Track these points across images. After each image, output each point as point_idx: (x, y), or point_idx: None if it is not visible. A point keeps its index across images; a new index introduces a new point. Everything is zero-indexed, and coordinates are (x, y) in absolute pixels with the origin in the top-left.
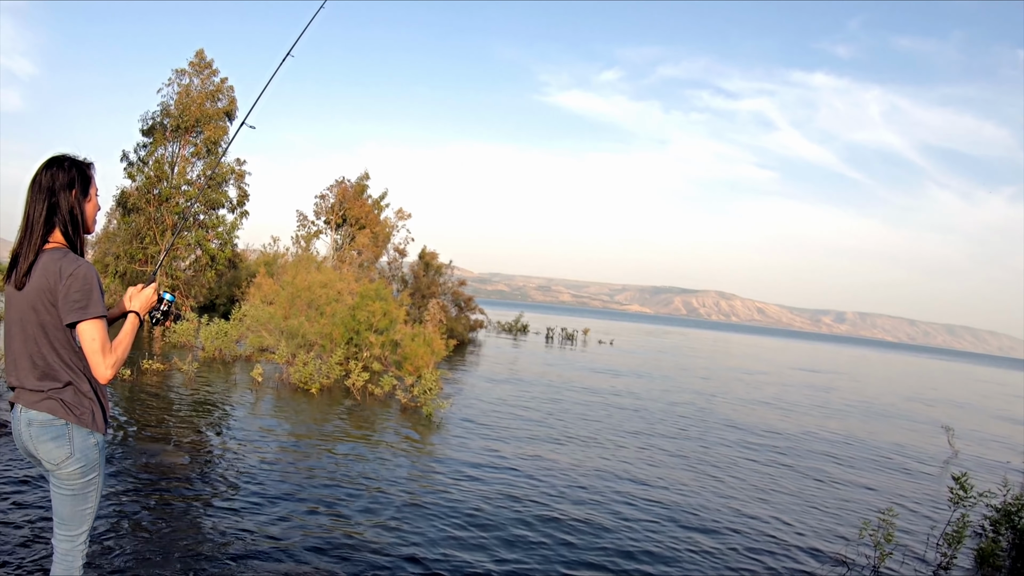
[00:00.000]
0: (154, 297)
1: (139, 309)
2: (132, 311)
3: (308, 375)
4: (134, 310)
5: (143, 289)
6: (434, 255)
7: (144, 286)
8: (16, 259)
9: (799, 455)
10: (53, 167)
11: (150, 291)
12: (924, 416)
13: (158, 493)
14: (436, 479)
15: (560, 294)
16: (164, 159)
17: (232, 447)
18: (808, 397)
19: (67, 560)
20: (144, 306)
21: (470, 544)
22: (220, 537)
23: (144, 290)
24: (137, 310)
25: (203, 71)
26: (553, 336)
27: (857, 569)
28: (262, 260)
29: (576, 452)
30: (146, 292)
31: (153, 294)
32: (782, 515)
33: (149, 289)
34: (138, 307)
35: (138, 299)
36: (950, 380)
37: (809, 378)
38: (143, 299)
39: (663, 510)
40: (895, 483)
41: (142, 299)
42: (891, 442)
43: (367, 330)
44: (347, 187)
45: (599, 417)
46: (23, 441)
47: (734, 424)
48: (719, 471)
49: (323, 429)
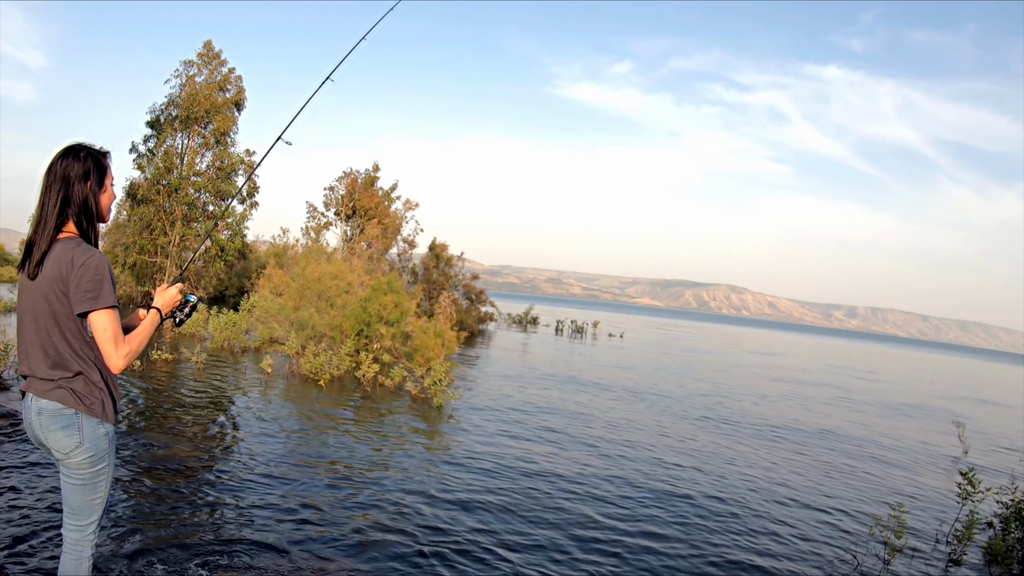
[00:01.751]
0: (179, 297)
1: (162, 307)
2: (155, 307)
3: (318, 366)
4: (157, 307)
5: (168, 288)
6: (444, 247)
7: (169, 285)
8: (30, 248)
9: (813, 449)
10: (69, 156)
11: (174, 291)
12: (946, 412)
13: (168, 483)
14: (446, 470)
15: (571, 287)
16: (173, 150)
17: (242, 437)
18: (825, 393)
19: (77, 550)
20: (168, 304)
21: (480, 536)
22: (230, 527)
23: (169, 289)
24: (160, 307)
25: (211, 62)
26: (563, 329)
27: (867, 564)
28: (272, 251)
29: (585, 444)
30: (171, 292)
31: (178, 294)
32: (792, 508)
33: (174, 289)
34: (161, 304)
35: (161, 297)
36: (980, 379)
37: (827, 375)
38: (167, 298)
39: (672, 500)
40: (907, 478)
41: (166, 298)
42: (905, 438)
43: (378, 322)
44: (357, 178)
45: (609, 408)
46: (34, 430)
47: (738, 417)
48: (727, 461)
49: (333, 420)
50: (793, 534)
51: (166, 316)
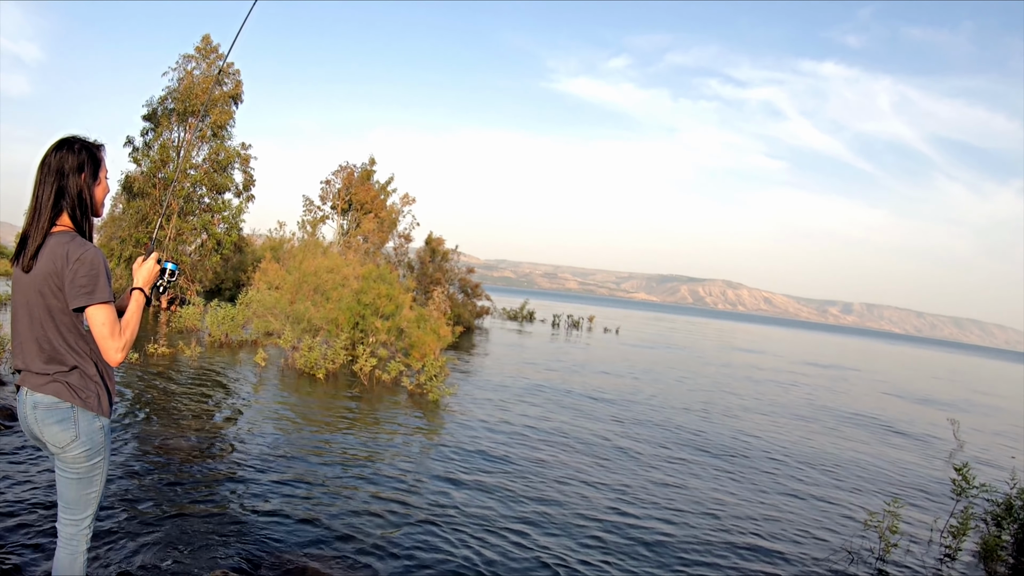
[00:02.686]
0: (156, 268)
1: (143, 285)
2: (136, 288)
3: (314, 360)
4: (138, 287)
5: (143, 262)
6: (440, 241)
7: (144, 259)
8: (24, 242)
9: (808, 442)
10: (63, 149)
11: (151, 263)
12: (942, 408)
13: (164, 477)
14: (441, 464)
15: (566, 281)
16: (170, 143)
17: (238, 431)
18: (823, 386)
19: (72, 544)
20: (148, 280)
21: (475, 529)
22: (225, 520)
23: (145, 263)
24: (141, 286)
25: (209, 55)
26: (559, 323)
27: (862, 559)
28: (268, 245)
29: (581, 438)
30: (147, 265)
31: (155, 265)
32: (787, 502)
33: (150, 261)
34: (142, 283)
35: (140, 274)
36: (976, 376)
37: (826, 372)
38: (145, 273)
39: (670, 495)
40: (902, 473)
41: (144, 273)
42: (899, 432)
43: (373, 315)
44: (353, 172)
45: (603, 402)
46: (28, 424)
47: (733, 411)
48: (720, 458)
49: (329, 414)
50: (788, 528)
51: (149, 293)
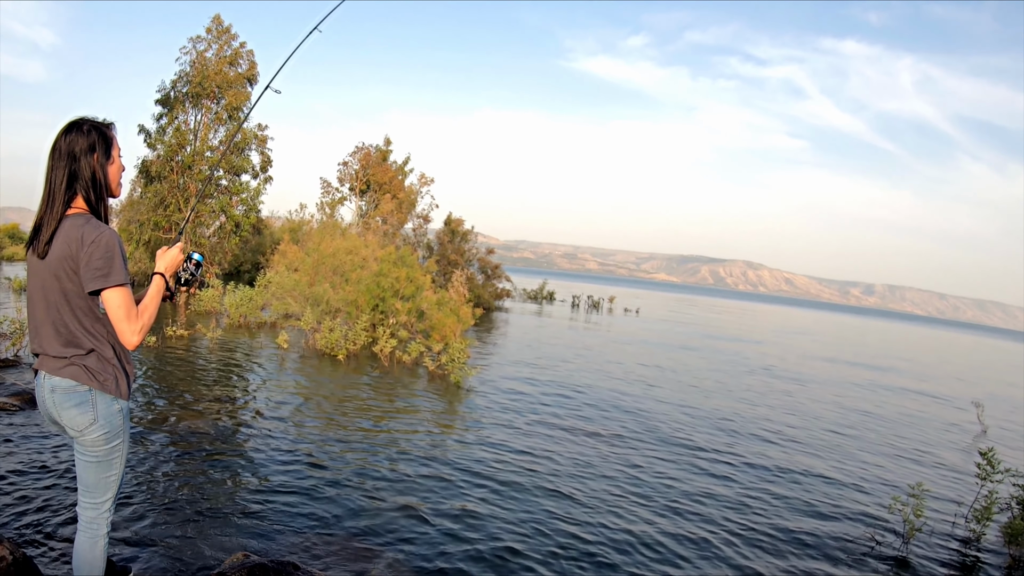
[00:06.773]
0: (180, 257)
1: (164, 271)
2: (158, 272)
3: (334, 341)
4: (159, 272)
5: (168, 250)
6: (460, 221)
7: (169, 247)
8: (38, 228)
9: (835, 431)
10: (73, 131)
11: (175, 251)
12: (966, 391)
13: (183, 460)
14: (463, 447)
15: (586, 262)
16: (186, 126)
17: (259, 413)
18: (852, 373)
19: (92, 528)
20: (170, 266)
21: (494, 513)
22: (246, 504)
23: (169, 251)
24: (162, 271)
25: (221, 36)
26: (579, 304)
27: (886, 542)
28: (287, 227)
29: (601, 419)
30: (171, 252)
31: (179, 254)
32: (810, 486)
33: (175, 249)
34: (163, 268)
35: (163, 260)
36: (1003, 360)
37: (857, 354)
38: (168, 259)
39: (692, 477)
40: (926, 456)
41: (167, 260)
42: (923, 416)
43: (393, 297)
44: (370, 153)
45: (625, 383)
46: (47, 408)
47: (757, 398)
48: (750, 443)
49: (351, 395)
50: (811, 512)
51: (171, 278)
